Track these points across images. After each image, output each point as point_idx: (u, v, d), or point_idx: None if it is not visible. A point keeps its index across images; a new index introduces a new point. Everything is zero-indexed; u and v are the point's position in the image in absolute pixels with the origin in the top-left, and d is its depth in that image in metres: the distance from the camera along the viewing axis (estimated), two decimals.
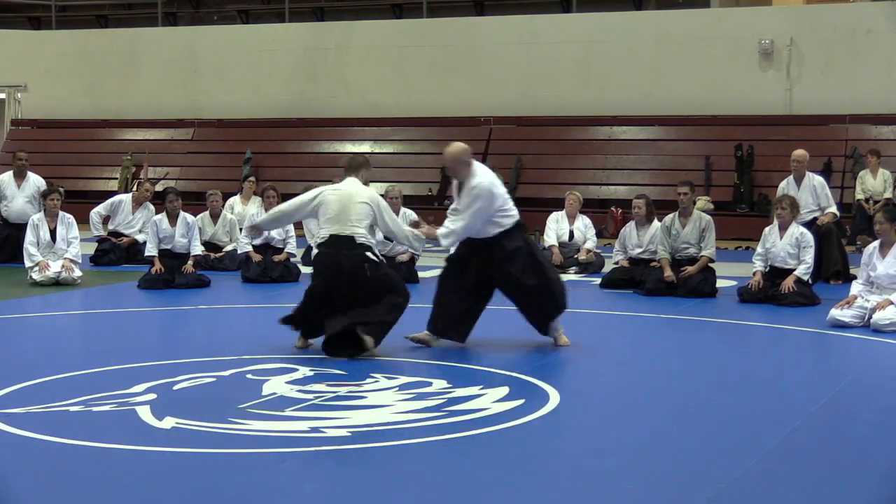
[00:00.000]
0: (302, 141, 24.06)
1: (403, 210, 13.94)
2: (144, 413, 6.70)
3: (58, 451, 5.98)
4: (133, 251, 15.45)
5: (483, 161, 21.57)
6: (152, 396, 7.13)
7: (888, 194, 17.98)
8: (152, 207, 16.03)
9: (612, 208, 20.04)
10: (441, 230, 9.12)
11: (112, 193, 18.66)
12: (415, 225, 9.59)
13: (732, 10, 23.08)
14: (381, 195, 14.04)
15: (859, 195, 18.25)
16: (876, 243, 10.51)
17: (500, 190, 9.22)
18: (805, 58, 21.27)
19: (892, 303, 9.98)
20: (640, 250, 13.03)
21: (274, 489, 5.38)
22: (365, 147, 23.60)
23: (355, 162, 9.41)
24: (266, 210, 14.23)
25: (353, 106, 23.89)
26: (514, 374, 7.92)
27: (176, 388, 7.44)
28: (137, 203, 16.00)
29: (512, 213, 9.20)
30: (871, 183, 18.23)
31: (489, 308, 11.84)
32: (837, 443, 6.37)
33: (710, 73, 21.72)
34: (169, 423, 6.47)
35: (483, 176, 9.10)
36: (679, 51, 21.97)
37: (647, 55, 22.11)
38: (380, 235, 13.73)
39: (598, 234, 15.49)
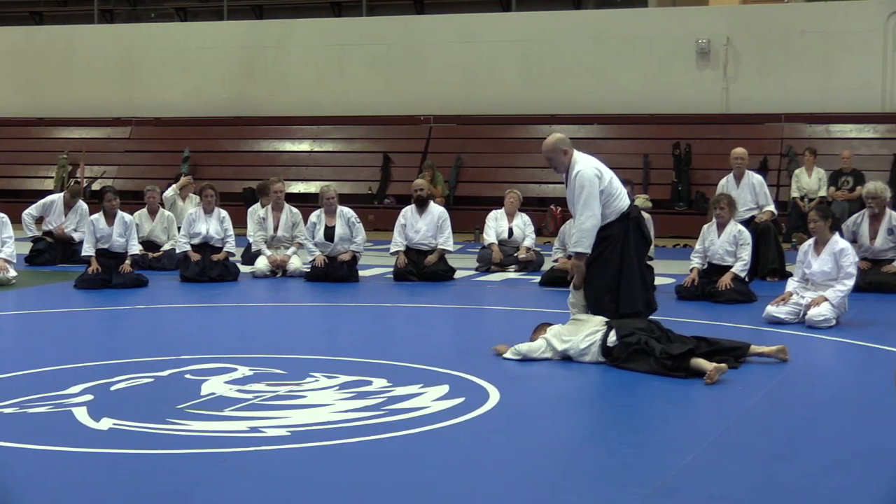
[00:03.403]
0: (241, 139, 23.94)
1: (341, 209, 13.89)
2: (81, 414, 6.63)
3: None
4: (69, 251, 15.28)
5: (423, 160, 21.84)
6: (89, 397, 7.05)
7: (823, 192, 18.24)
8: (85, 206, 15.89)
9: (552, 206, 20.14)
10: (573, 241, 8.86)
11: (48, 193, 18.44)
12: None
13: (670, 10, 23.29)
14: (317, 195, 14.01)
15: (794, 193, 18.49)
16: (811, 241, 10.65)
17: (607, 174, 8.88)
18: (741, 57, 21.51)
19: (826, 299, 10.12)
20: None
21: (213, 490, 5.35)
22: (304, 146, 23.54)
23: None
24: (204, 210, 14.15)
25: (292, 104, 23.81)
26: (453, 373, 7.92)
27: (113, 388, 7.36)
28: (69, 205, 15.79)
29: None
30: (806, 181, 18.47)
31: (427, 307, 11.87)
32: (774, 437, 6.45)
33: (648, 73, 21.90)
34: (106, 423, 6.41)
35: (583, 163, 8.91)
36: (617, 50, 22.13)
37: (586, 54, 22.25)
38: (319, 236, 13.75)
39: (538, 233, 15.54)
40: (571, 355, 8.36)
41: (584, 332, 8.41)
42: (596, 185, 8.75)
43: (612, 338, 8.25)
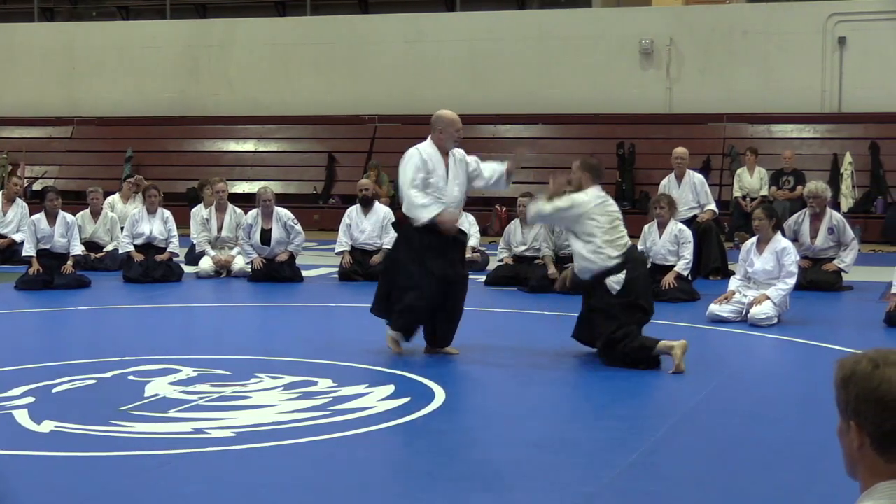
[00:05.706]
0: (184, 139, 23.77)
1: (278, 211, 13.77)
2: (22, 417, 6.55)
3: None
4: (10, 252, 15.11)
5: (368, 159, 21.80)
6: (30, 400, 6.97)
7: (764, 192, 18.42)
8: (25, 205, 15.72)
9: (497, 206, 20.17)
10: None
11: None
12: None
13: (613, 10, 23.41)
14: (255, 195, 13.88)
15: (736, 192, 18.66)
16: (753, 240, 10.75)
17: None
18: (684, 58, 21.67)
19: (768, 298, 10.22)
20: (524, 248, 13.14)
21: (156, 492, 5.31)
22: (248, 146, 23.42)
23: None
24: (148, 210, 14.04)
25: (236, 104, 23.67)
26: (399, 373, 7.93)
27: (55, 390, 7.29)
28: (8, 201, 15.63)
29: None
30: (748, 181, 18.65)
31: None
32: (717, 434, 6.50)
33: (592, 73, 22.00)
34: (48, 426, 6.34)
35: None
36: (562, 50, 22.21)
37: (531, 54, 22.32)
38: (255, 238, 13.65)
39: (483, 232, 15.56)
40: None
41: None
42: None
43: (617, 279, 8.44)
